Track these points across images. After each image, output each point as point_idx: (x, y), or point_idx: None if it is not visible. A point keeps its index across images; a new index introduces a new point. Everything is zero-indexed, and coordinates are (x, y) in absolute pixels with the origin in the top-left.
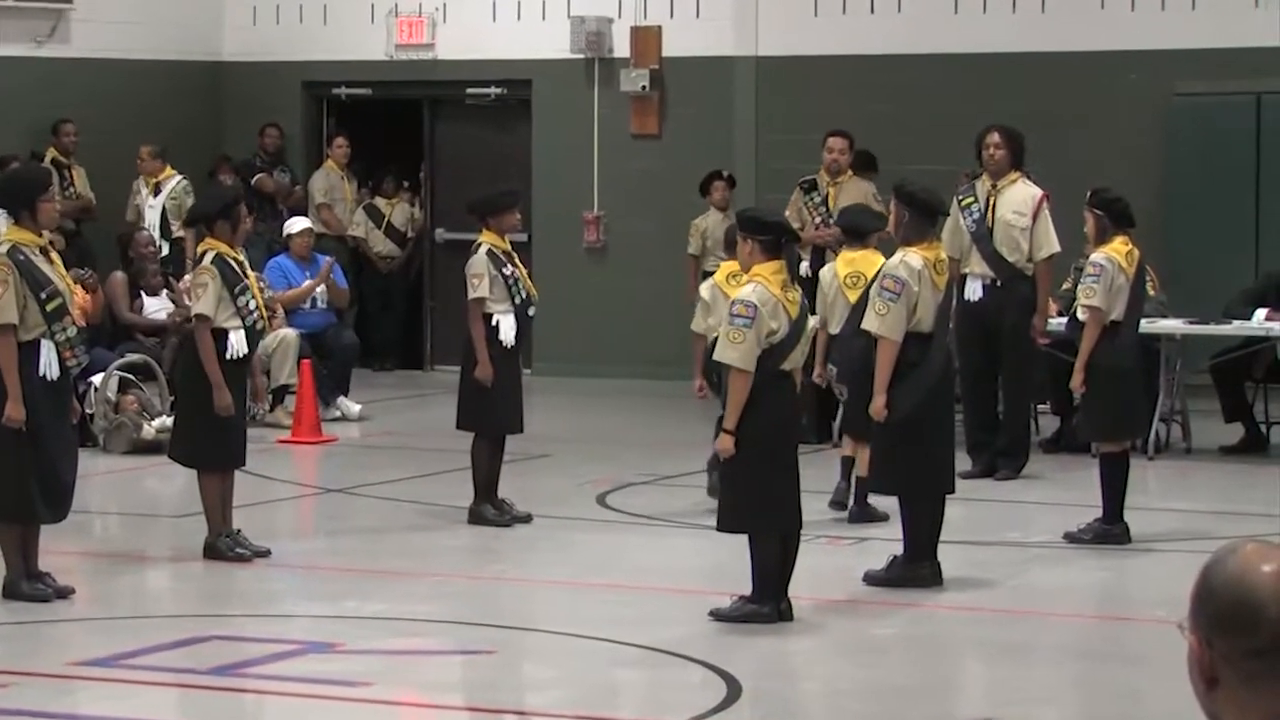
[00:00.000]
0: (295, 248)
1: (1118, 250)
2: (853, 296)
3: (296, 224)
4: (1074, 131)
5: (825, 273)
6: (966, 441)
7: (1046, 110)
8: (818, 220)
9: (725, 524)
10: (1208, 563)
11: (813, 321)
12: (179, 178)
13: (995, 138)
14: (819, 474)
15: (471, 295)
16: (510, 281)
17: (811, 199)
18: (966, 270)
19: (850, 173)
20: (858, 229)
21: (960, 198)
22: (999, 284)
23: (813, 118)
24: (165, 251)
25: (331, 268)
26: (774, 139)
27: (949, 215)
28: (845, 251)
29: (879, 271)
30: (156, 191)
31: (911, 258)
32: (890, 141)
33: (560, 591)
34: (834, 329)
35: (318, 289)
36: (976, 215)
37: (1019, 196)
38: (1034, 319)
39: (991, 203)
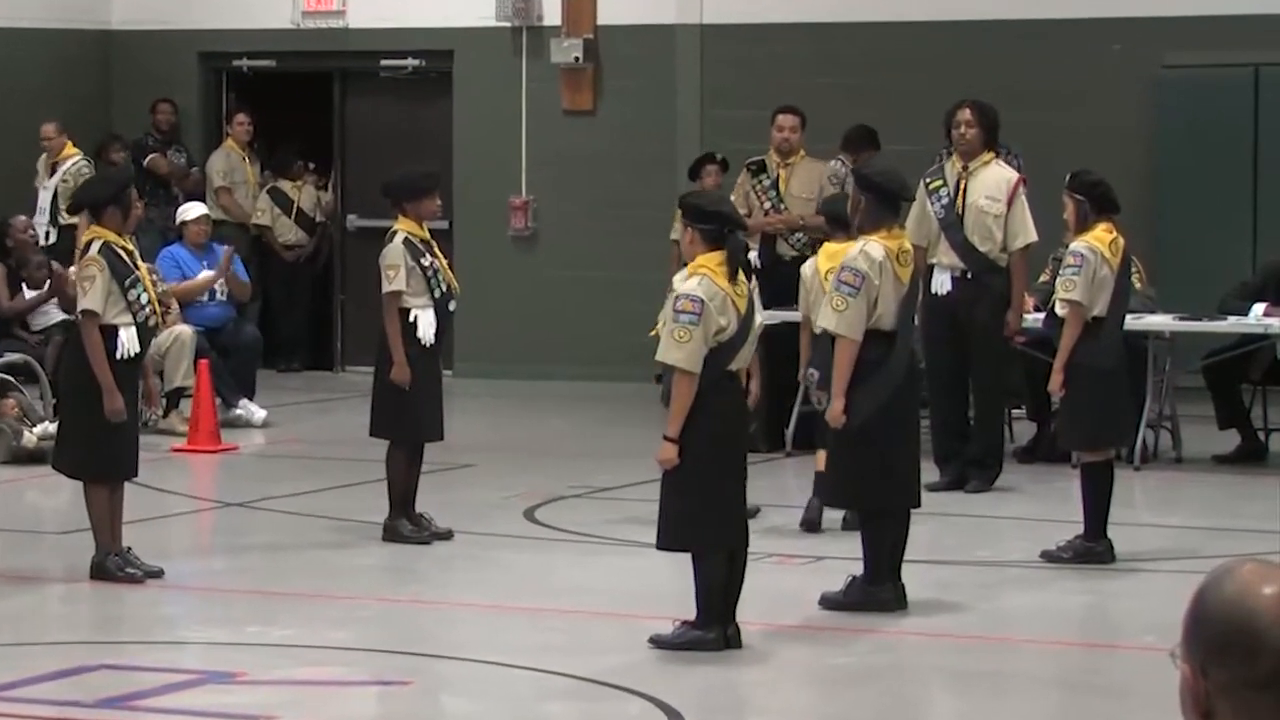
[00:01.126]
0: (190, 236)
1: (1100, 239)
2: None
3: (192, 210)
4: (1053, 108)
5: (806, 268)
6: (934, 450)
7: (1022, 84)
8: (767, 206)
9: (667, 541)
10: (1202, 584)
11: (760, 318)
12: (78, 157)
13: (966, 114)
14: (770, 485)
15: (386, 288)
16: (429, 273)
17: (760, 182)
18: (934, 261)
19: (802, 153)
20: (841, 217)
21: (927, 180)
22: (970, 276)
23: (763, 92)
24: (53, 239)
25: (231, 258)
26: (720, 115)
27: (913, 200)
28: (829, 244)
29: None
30: (53, 172)
31: (872, 247)
32: (848, 119)
33: (484, 615)
34: (818, 328)
35: (217, 281)
36: (945, 200)
37: (992, 180)
38: (1008, 315)
39: (962, 186)
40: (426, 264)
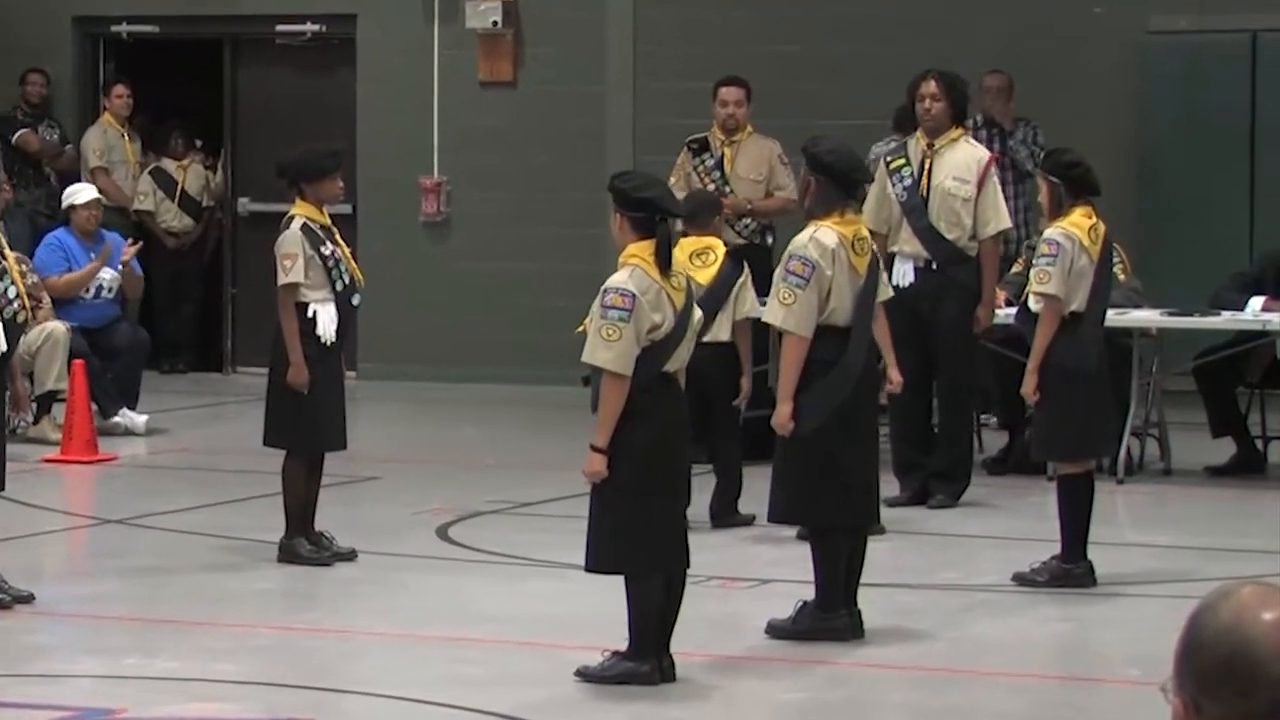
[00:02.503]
0: (79, 221)
1: (1078, 225)
2: None
3: (82, 193)
4: (1024, 78)
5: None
6: (893, 461)
7: (989, 51)
8: (711, 189)
9: (597, 562)
10: (1196, 610)
11: (698, 314)
12: None
13: (932, 86)
14: (702, 499)
15: (282, 280)
16: (330, 264)
17: (703, 162)
18: (895, 249)
19: (749, 130)
20: None
21: (889, 159)
22: (935, 267)
23: (702, 61)
24: None
25: (131, 253)
26: (655, 88)
27: (870, 182)
28: None
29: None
30: None
31: (823, 234)
32: (798, 91)
33: (392, 645)
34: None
35: (105, 275)
36: (908, 182)
37: (961, 159)
38: (977, 310)
39: (927, 166)
40: (327, 253)
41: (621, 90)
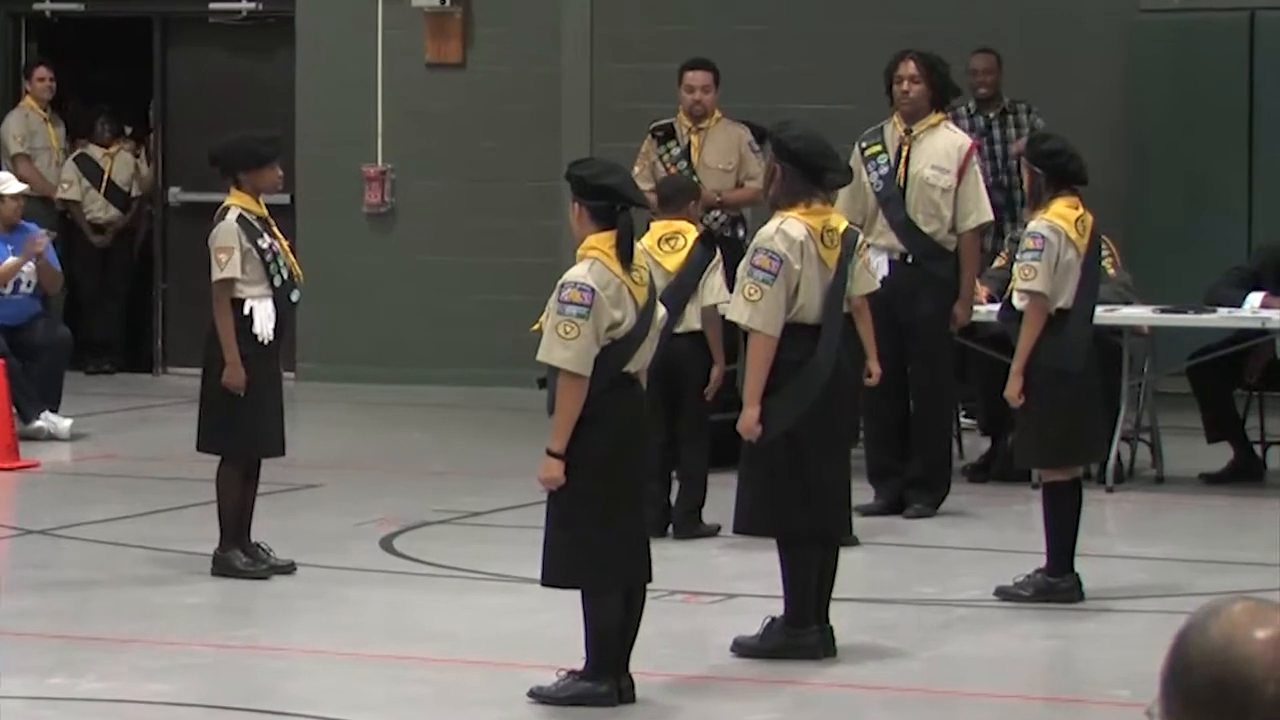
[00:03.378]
0: (5, 213)
1: (1064, 217)
2: None
3: (10, 184)
4: (1010, 60)
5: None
6: (867, 467)
7: (976, 31)
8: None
9: (553, 576)
10: (1184, 628)
11: (662, 310)
12: None
13: (910, 67)
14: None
15: (217, 275)
16: (268, 257)
17: (668, 151)
18: (870, 242)
19: (717, 116)
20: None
21: (864, 145)
22: (911, 261)
23: (664, 42)
24: None
25: (43, 242)
26: (614, 70)
27: (839, 171)
28: None
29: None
30: None
31: (790, 226)
32: (767, 73)
33: (333, 664)
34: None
35: (24, 268)
36: (885, 171)
37: (940, 146)
38: (955, 307)
39: (904, 154)
40: (265, 246)
41: (578, 72)
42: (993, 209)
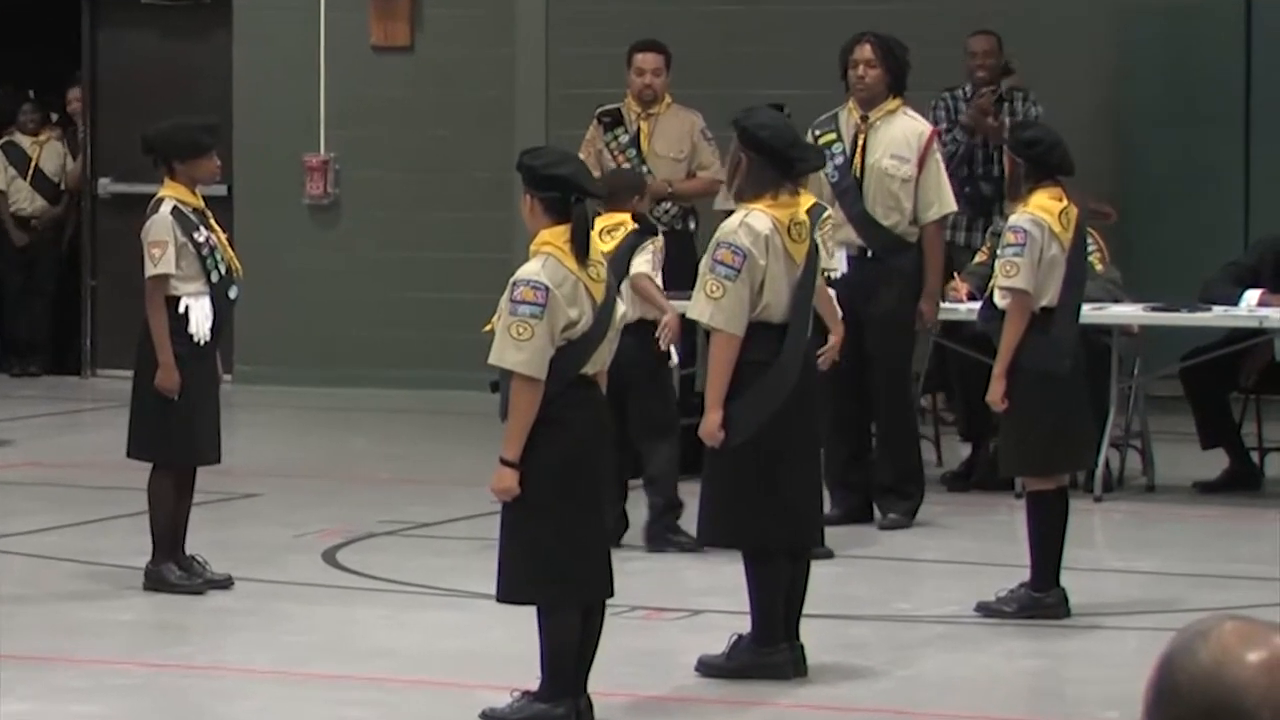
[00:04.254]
0: None
1: (1048, 209)
2: None
3: None
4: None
5: None
6: (825, 473)
7: (959, 14)
8: (627, 168)
9: (508, 592)
10: (1168, 651)
11: (622, 308)
12: None
13: (866, 52)
14: (640, 518)
15: (151, 271)
16: (205, 252)
17: (615, 138)
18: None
19: (668, 101)
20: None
21: (817, 133)
22: (871, 256)
23: (625, 24)
24: None
25: None
26: (571, 53)
27: (806, 160)
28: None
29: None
30: None
31: (755, 219)
32: (738, 55)
33: (272, 684)
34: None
35: None
36: (840, 161)
37: (899, 134)
38: (921, 304)
39: (861, 142)
40: (201, 240)
41: (533, 55)
42: (982, 201)
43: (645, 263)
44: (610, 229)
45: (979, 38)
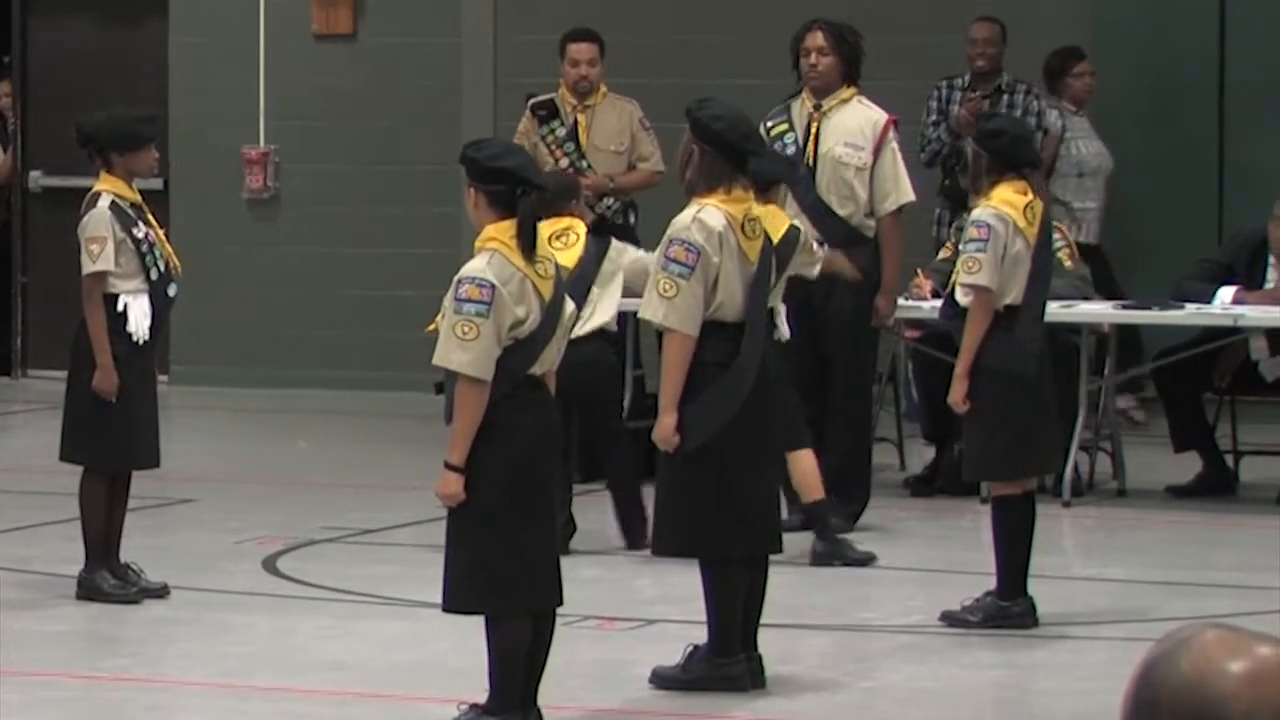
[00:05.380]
0: None
1: (1012, 204)
2: None
3: None
4: (950, 29)
5: None
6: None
7: (925, 6)
8: (565, 163)
9: (454, 601)
10: (1148, 660)
11: (570, 306)
12: None
13: (818, 39)
14: (590, 525)
15: (89, 269)
16: (144, 248)
17: (552, 131)
18: None
19: (604, 91)
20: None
21: (769, 124)
22: (826, 248)
23: (576, 11)
24: None
25: None
26: (519, 41)
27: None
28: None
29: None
30: None
31: (708, 214)
32: (693, 44)
33: (210, 696)
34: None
35: None
36: (792, 151)
37: (853, 123)
38: (877, 299)
39: (814, 131)
40: (140, 236)
41: (480, 44)
42: (963, 196)
43: (634, 252)
44: (559, 234)
45: (980, 24)
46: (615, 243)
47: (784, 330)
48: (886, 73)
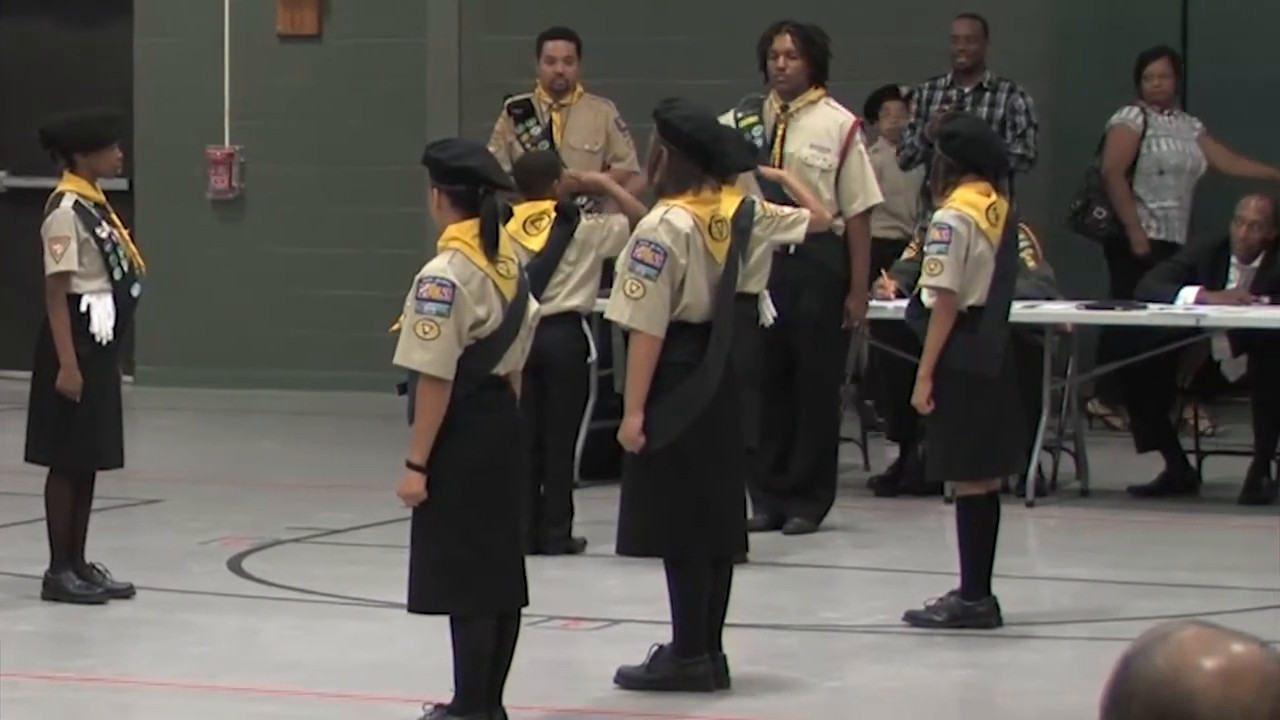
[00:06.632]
0: None
1: (974, 204)
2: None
3: None
4: (912, 25)
5: None
6: (752, 479)
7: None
8: (538, 151)
9: (419, 601)
10: (1128, 653)
11: (534, 306)
12: None
13: (786, 42)
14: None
15: (52, 269)
16: (108, 248)
17: (527, 130)
18: None
19: (580, 90)
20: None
21: (739, 116)
22: (794, 251)
23: (543, 11)
24: None
25: None
26: (486, 41)
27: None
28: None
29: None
30: None
31: (676, 215)
32: (665, 44)
33: (175, 696)
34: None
35: None
36: (760, 147)
37: (820, 124)
38: (848, 301)
39: (780, 133)
40: (104, 236)
41: (445, 44)
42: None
43: (623, 227)
44: (534, 219)
45: (962, 21)
46: (586, 223)
47: (768, 315)
48: (854, 73)
